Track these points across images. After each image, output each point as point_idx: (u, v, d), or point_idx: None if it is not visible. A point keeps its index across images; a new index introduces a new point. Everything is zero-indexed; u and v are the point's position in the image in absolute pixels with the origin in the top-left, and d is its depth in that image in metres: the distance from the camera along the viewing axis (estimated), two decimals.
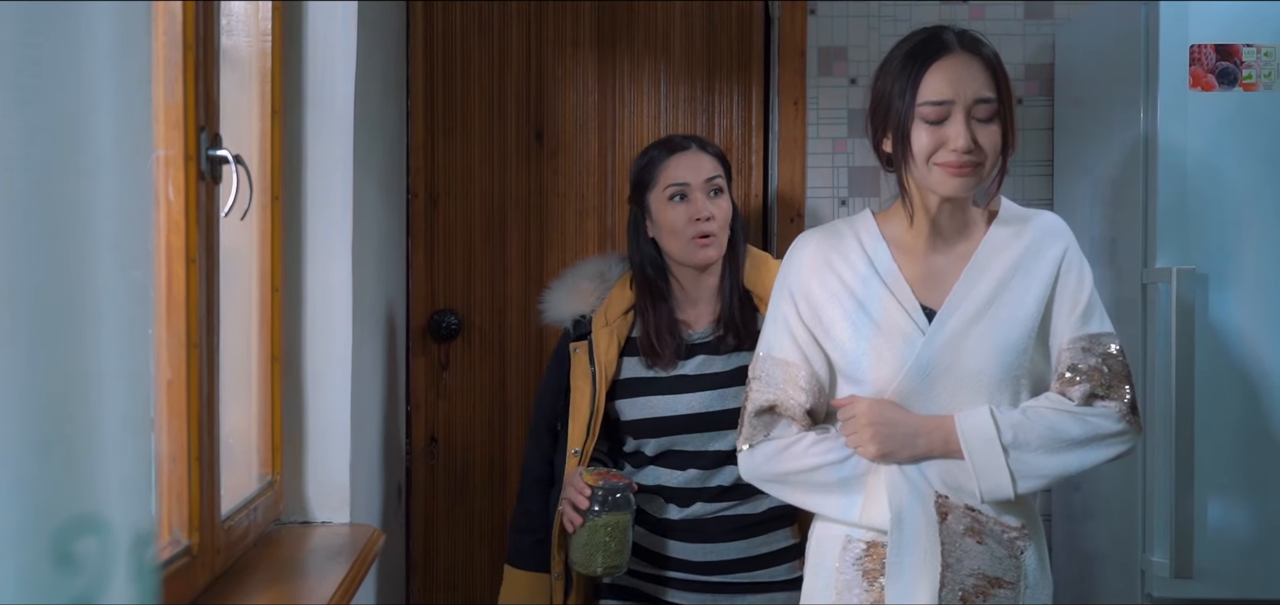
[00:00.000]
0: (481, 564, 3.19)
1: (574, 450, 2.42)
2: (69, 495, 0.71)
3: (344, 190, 2.22)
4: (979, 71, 1.88)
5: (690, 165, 2.44)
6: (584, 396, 2.44)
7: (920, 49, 1.91)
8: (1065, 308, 1.91)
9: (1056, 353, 1.91)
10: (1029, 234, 1.95)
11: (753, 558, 2.45)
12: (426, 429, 3.18)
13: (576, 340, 2.50)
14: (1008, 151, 1.90)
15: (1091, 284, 1.93)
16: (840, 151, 3.15)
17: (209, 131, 1.67)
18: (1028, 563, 1.90)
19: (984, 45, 1.92)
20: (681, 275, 2.50)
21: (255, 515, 1.99)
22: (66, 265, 0.75)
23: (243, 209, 1.79)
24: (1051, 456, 1.85)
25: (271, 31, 2.08)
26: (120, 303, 0.78)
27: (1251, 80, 2.45)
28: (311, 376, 2.21)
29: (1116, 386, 1.87)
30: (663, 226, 2.45)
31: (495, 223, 3.18)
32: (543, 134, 3.19)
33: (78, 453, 0.73)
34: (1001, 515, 1.89)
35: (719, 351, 2.46)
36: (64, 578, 0.71)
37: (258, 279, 2.09)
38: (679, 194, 2.43)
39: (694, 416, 2.42)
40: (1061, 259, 1.93)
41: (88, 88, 0.78)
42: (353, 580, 1.89)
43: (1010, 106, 1.91)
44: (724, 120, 3.21)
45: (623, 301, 2.51)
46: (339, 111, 2.21)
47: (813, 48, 3.14)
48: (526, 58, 3.18)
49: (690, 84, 3.20)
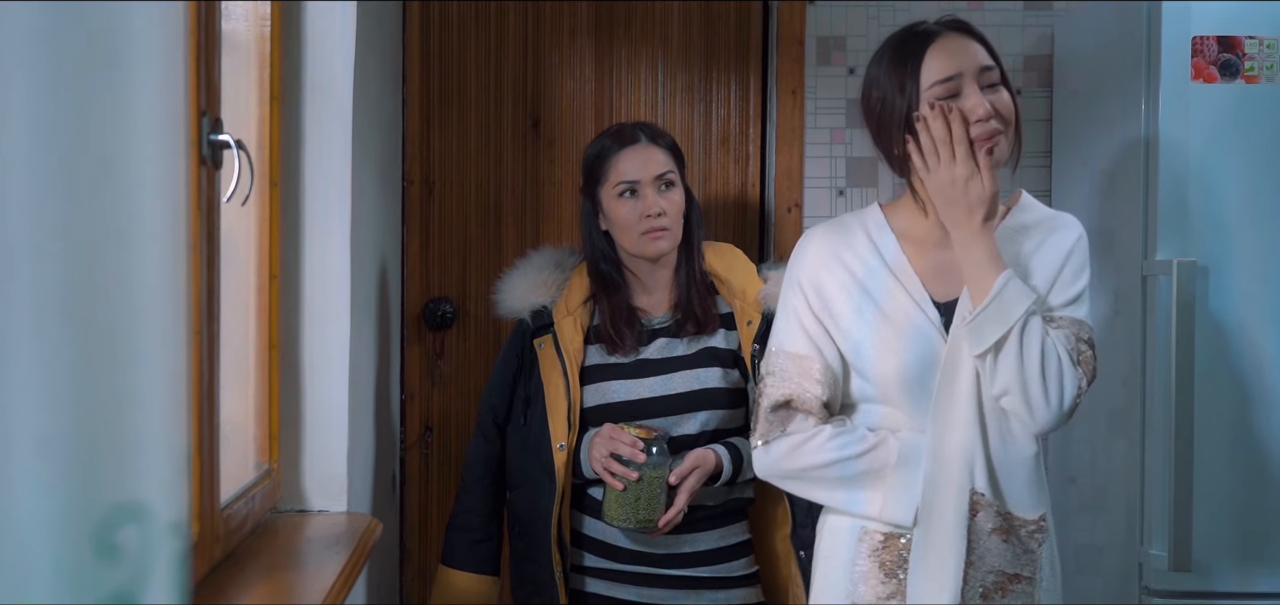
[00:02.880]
0: None
1: (559, 445, 2.38)
2: (111, 485, 0.71)
3: (342, 177, 2.20)
4: (973, 43, 1.88)
5: (639, 161, 2.42)
6: (558, 390, 2.41)
7: (908, 41, 1.90)
8: (1061, 284, 1.89)
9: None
10: (1044, 230, 1.94)
11: (712, 551, 2.43)
12: (421, 418, 3.17)
13: (537, 333, 2.46)
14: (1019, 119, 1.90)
15: (1088, 281, 1.92)
16: (838, 142, 3.15)
17: (210, 116, 1.65)
18: (1043, 557, 1.89)
19: (966, 22, 1.91)
20: (635, 266, 2.49)
21: (253, 504, 1.97)
22: (106, 255, 0.75)
23: (244, 194, 1.77)
24: (1041, 363, 1.80)
25: (271, 16, 2.06)
26: (157, 292, 0.78)
27: (1253, 72, 2.45)
28: (309, 364, 2.20)
29: (1084, 370, 1.85)
30: (614, 221, 2.44)
31: (491, 211, 3.17)
32: (539, 123, 3.17)
33: (118, 442, 0.72)
34: (1025, 509, 1.88)
35: (680, 335, 2.46)
36: (106, 568, 0.70)
37: (255, 266, 2.07)
38: (629, 190, 2.42)
39: (657, 399, 2.41)
40: (1072, 248, 1.91)
41: (124, 78, 0.77)
42: (352, 570, 1.88)
43: (1007, 77, 1.90)
44: (722, 110, 3.20)
45: (582, 290, 2.49)
46: (338, 98, 2.19)
47: (811, 37, 3.13)
48: (523, 46, 3.17)
49: (688, 73, 3.19)
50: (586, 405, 2.42)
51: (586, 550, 2.44)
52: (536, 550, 2.41)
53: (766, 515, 2.52)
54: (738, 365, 2.46)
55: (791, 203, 3.13)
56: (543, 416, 2.42)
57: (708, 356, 2.45)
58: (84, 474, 0.70)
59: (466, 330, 3.17)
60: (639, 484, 2.28)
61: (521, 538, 2.47)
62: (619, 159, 2.43)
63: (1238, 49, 2.45)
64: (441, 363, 3.16)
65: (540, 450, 2.41)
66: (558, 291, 2.49)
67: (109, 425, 0.73)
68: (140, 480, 0.73)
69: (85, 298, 0.74)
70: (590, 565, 2.43)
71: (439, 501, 3.17)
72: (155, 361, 0.77)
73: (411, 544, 3.16)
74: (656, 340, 2.46)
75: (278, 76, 2.09)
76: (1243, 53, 2.45)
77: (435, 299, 3.14)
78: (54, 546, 0.69)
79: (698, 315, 2.45)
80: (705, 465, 2.34)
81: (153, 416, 0.75)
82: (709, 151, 3.19)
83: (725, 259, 2.52)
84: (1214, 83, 2.45)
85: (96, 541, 0.70)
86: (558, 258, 2.57)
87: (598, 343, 2.46)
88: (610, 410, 2.40)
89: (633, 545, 2.40)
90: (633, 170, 2.42)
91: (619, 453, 2.29)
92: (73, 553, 0.70)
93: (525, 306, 2.49)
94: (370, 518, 2.21)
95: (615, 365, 2.44)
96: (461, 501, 2.55)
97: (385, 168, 2.78)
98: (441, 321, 3.14)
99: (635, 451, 2.28)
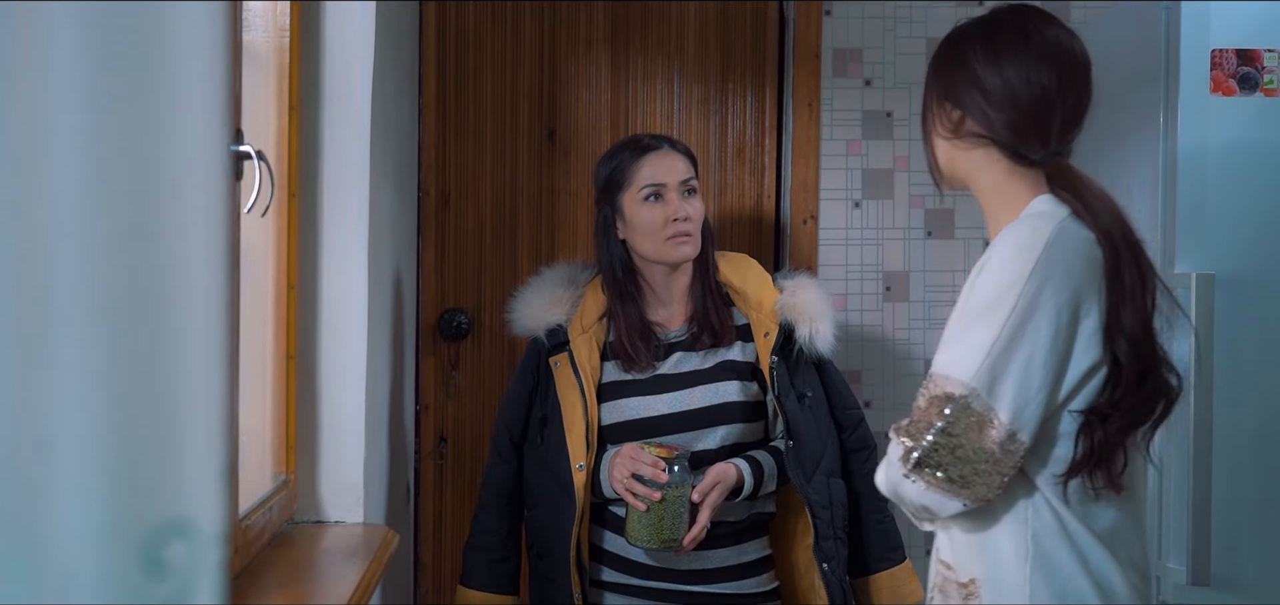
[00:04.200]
0: None
1: (578, 465, 2.35)
2: (158, 499, 0.71)
3: (361, 188, 2.20)
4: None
5: (665, 166, 2.41)
6: (576, 409, 2.39)
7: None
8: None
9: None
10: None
11: (732, 567, 2.40)
12: (435, 429, 3.17)
13: (553, 352, 2.44)
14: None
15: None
16: (854, 153, 3.14)
17: (231, 127, 1.65)
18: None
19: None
20: (652, 276, 2.46)
21: (270, 514, 1.97)
22: (152, 269, 0.75)
23: (264, 205, 1.78)
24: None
25: (290, 28, 2.06)
26: (204, 305, 0.78)
27: (1273, 85, 2.44)
28: (326, 375, 2.20)
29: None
30: (637, 227, 2.41)
31: (506, 222, 3.17)
32: (555, 133, 3.17)
33: (165, 454, 0.72)
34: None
35: (696, 348, 2.44)
36: (153, 582, 0.70)
37: (273, 276, 2.07)
38: (654, 194, 2.40)
39: (676, 415, 2.39)
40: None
41: (172, 88, 0.77)
42: (369, 581, 1.88)
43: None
44: (737, 121, 3.20)
45: (597, 306, 2.47)
46: (356, 109, 2.20)
47: (827, 49, 3.13)
48: (539, 57, 3.17)
49: (703, 84, 3.19)
50: (604, 423, 2.40)
51: (607, 566, 2.42)
52: (555, 570, 2.38)
53: (788, 528, 2.50)
54: (756, 377, 2.44)
55: (807, 214, 3.12)
56: (560, 436, 2.39)
57: (725, 370, 2.43)
58: (132, 487, 0.70)
59: (481, 341, 3.17)
60: (662, 504, 2.25)
61: (541, 557, 2.45)
62: (644, 163, 2.42)
63: (1257, 62, 2.44)
64: (456, 374, 3.16)
65: (558, 470, 2.39)
66: (572, 308, 2.46)
67: (156, 437, 0.73)
68: (186, 494, 0.73)
69: (131, 309, 0.74)
70: (610, 581, 2.42)
71: (453, 513, 3.17)
72: (201, 374, 0.77)
73: (426, 555, 3.15)
74: (672, 355, 2.44)
75: (297, 87, 2.09)
76: (1262, 66, 2.44)
77: (450, 310, 3.14)
78: (100, 558, 0.69)
79: (714, 327, 2.43)
80: (727, 480, 2.31)
81: (199, 429, 0.75)
82: (725, 163, 3.19)
83: (739, 269, 2.51)
84: (1233, 95, 2.44)
85: (144, 556, 0.70)
86: (570, 274, 2.54)
87: (613, 359, 2.44)
88: (628, 428, 2.38)
89: (653, 562, 2.38)
90: (659, 174, 2.40)
91: (640, 473, 2.27)
92: (120, 566, 0.70)
93: (540, 325, 2.46)
94: (387, 529, 2.21)
95: (632, 382, 2.42)
96: (479, 521, 2.53)
97: (402, 178, 2.78)
98: (456, 332, 3.14)
99: (657, 472, 2.25)
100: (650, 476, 2.25)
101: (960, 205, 3.14)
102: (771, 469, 2.39)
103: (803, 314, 2.41)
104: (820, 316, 2.42)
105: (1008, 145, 1.76)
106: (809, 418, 2.42)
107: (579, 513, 2.35)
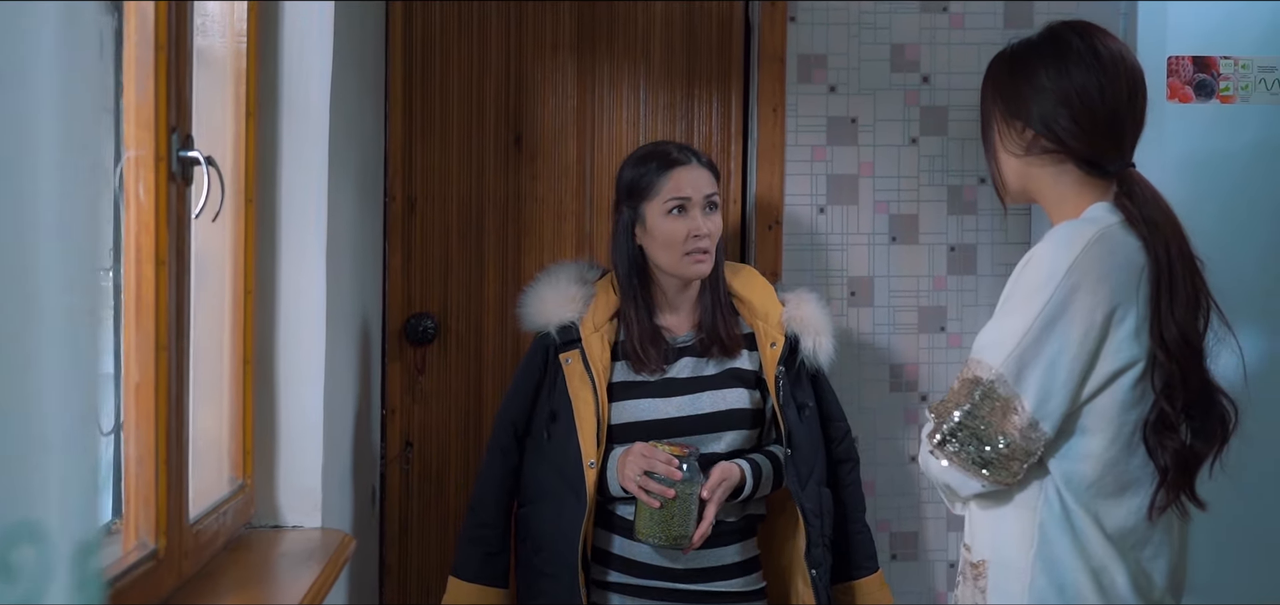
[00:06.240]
0: None
1: (590, 462, 2.39)
2: (6, 503, 0.70)
3: (319, 192, 2.20)
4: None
5: (692, 181, 2.45)
6: (587, 406, 2.42)
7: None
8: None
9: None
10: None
11: (726, 565, 2.46)
12: (402, 433, 3.16)
13: (564, 348, 2.47)
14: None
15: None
16: (819, 159, 3.15)
17: (180, 132, 1.65)
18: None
19: None
20: (665, 283, 2.51)
21: (225, 518, 1.97)
22: (7, 268, 0.74)
23: (214, 211, 1.78)
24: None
25: (247, 32, 2.06)
26: (69, 305, 0.77)
27: (1228, 92, 2.46)
28: (284, 379, 2.20)
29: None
30: (657, 238, 2.45)
31: (473, 226, 3.17)
32: (522, 138, 3.17)
33: (16, 459, 0.71)
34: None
35: (705, 355, 2.49)
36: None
37: (231, 281, 2.07)
38: (679, 208, 2.44)
39: (686, 418, 2.44)
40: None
41: (30, 88, 0.76)
42: (323, 585, 1.88)
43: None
44: (703, 126, 3.20)
45: (607, 306, 2.51)
46: (314, 113, 2.20)
47: (792, 54, 3.14)
48: (506, 61, 3.17)
49: (670, 90, 3.20)
50: (614, 422, 2.44)
51: (609, 566, 2.46)
52: (558, 567, 2.41)
53: (775, 529, 2.58)
54: (760, 385, 2.52)
55: (772, 220, 3.13)
56: (567, 433, 2.43)
57: (733, 377, 2.49)
58: None
59: (448, 346, 3.17)
60: (673, 501, 2.30)
61: (537, 552, 2.47)
62: (673, 175, 2.45)
63: (1213, 69, 2.46)
64: (422, 378, 3.16)
65: (564, 467, 2.42)
66: (584, 306, 2.50)
67: (5, 440, 0.72)
68: (36, 498, 0.72)
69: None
70: (613, 581, 2.46)
71: (419, 517, 3.16)
72: (66, 377, 0.76)
73: (391, 559, 3.15)
74: (681, 359, 2.50)
75: (254, 91, 2.09)
76: (1218, 72, 2.46)
77: (416, 314, 3.14)
78: None
79: (723, 337, 2.49)
80: (731, 479, 2.38)
81: (60, 432, 0.75)
82: None
83: (745, 280, 2.57)
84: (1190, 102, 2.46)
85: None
86: (579, 272, 2.58)
87: (623, 359, 2.49)
88: (639, 428, 2.43)
89: (655, 561, 2.42)
90: (686, 187, 2.44)
91: (655, 470, 2.31)
92: None
93: (552, 321, 2.50)
94: (343, 533, 2.21)
95: (643, 383, 2.47)
96: (477, 515, 2.56)
97: (366, 182, 2.78)
98: (423, 337, 3.13)
99: (671, 469, 2.30)
100: (665, 474, 2.30)
101: (924, 210, 3.15)
102: (768, 472, 2.46)
103: (807, 327, 2.50)
104: (823, 331, 2.52)
105: (1084, 158, 1.80)
106: (805, 428, 2.49)
107: (588, 511, 2.38)
